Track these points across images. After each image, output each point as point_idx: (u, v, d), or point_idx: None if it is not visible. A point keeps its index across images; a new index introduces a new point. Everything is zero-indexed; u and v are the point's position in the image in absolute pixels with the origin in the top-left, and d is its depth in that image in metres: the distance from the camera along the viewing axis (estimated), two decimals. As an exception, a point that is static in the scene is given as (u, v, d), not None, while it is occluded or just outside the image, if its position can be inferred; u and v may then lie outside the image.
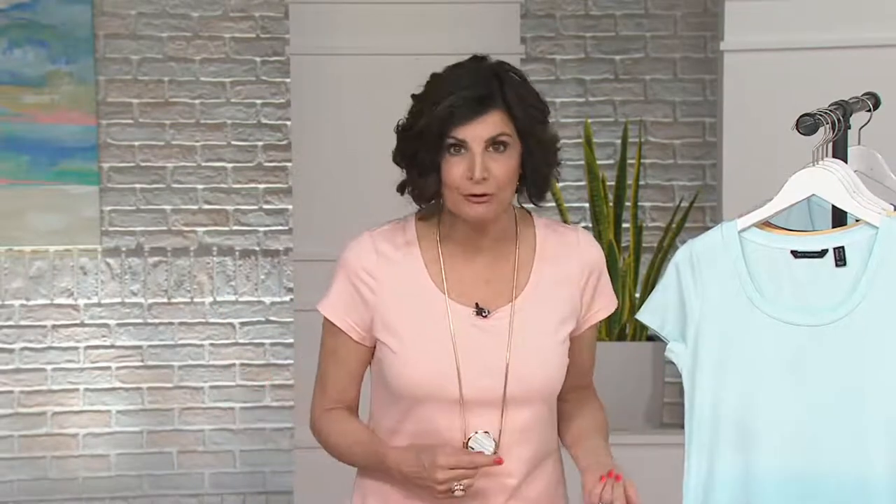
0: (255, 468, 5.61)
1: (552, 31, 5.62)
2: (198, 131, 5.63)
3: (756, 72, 4.02)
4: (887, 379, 2.15)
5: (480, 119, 2.28)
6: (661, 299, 2.30)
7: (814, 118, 2.25)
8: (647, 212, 5.59)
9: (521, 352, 2.32)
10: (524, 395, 2.32)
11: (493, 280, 2.35)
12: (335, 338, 2.42)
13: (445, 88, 2.31)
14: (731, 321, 2.23)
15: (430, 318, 2.32)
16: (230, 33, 5.63)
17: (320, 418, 2.46)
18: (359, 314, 2.37)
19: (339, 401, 2.44)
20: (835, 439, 2.17)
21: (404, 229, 2.40)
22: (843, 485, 2.17)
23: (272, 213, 5.66)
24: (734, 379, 2.23)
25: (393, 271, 2.35)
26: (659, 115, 5.62)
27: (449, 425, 2.32)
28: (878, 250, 2.17)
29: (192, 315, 5.62)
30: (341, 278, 2.41)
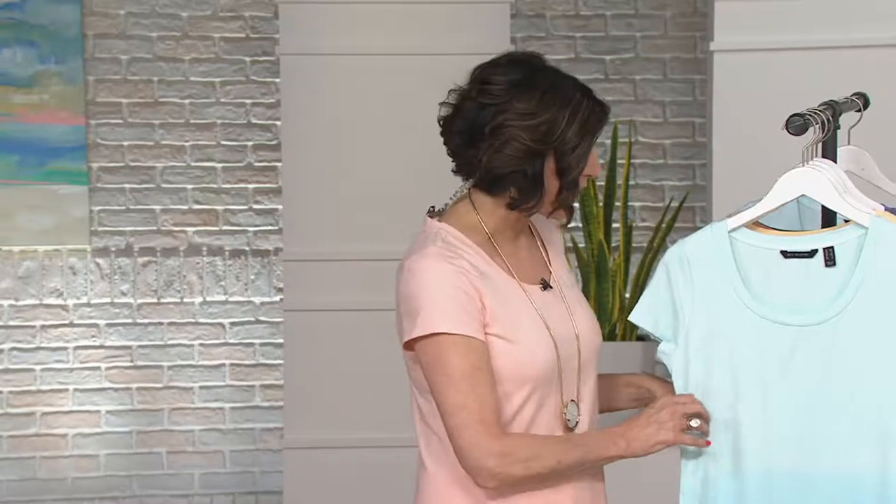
0: (245, 468, 5.61)
1: (542, 31, 5.63)
2: (187, 131, 5.63)
3: (746, 72, 4.02)
4: (876, 378, 2.15)
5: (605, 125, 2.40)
6: (653, 300, 2.30)
7: (803, 118, 2.26)
8: (637, 212, 5.59)
9: (577, 313, 2.41)
10: (589, 355, 2.40)
11: (533, 259, 2.44)
12: (472, 352, 2.27)
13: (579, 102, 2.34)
14: (721, 321, 2.24)
15: (518, 302, 2.35)
16: (220, 33, 5.62)
17: (508, 449, 2.26)
18: (478, 317, 2.30)
19: (500, 422, 2.28)
20: (825, 439, 2.18)
21: (452, 237, 2.37)
22: (832, 484, 2.18)
23: (262, 213, 5.66)
24: (725, 379, 2.23)
25: (475, 269, 2.33)
26: (649, 115, 5.63)
27: (552, 402, 2.35)
28: (867, 250, 2.17)
29: (182, 315, 5.62)
30: (443, 292, 2.28)
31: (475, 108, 2.33)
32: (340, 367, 4.58)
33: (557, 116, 2.30)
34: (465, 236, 2.36)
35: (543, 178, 2.32)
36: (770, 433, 2.21)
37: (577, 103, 2.32)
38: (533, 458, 2.26)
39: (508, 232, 2.40)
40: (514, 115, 2.30)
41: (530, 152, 2.30)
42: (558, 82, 2.34)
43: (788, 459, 2.20)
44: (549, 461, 2.27)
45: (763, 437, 2.21)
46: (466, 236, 2.36)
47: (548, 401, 2.34)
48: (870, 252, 2.17)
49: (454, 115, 2.36)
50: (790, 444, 2.20)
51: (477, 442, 2.25)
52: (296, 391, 4.65)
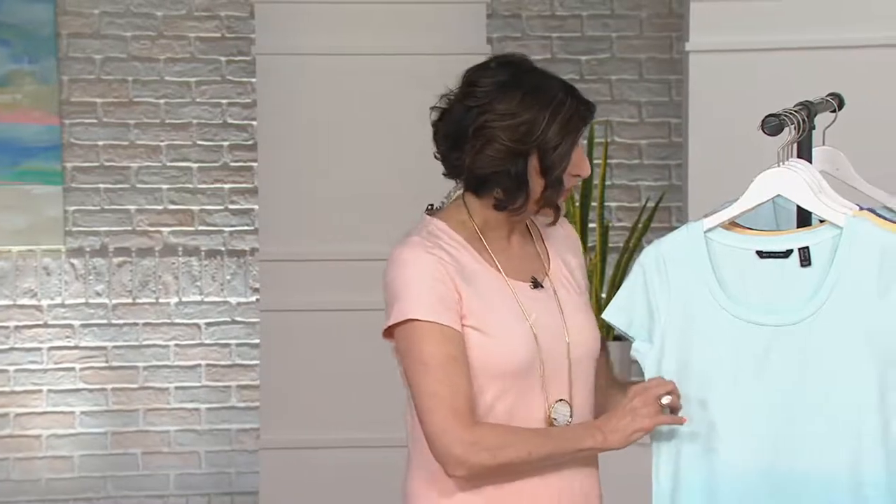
0: (221, 469, 5.60)
1: (518, 32, 5.64)
2: (163, 131, 5.62)
3: (721, 72, 4.04)
4: (851, 378, 2.16)
5: (589, 122, 2.43)
6: (628, 299, 2.31)
7: (779, 118, 2.27)
8: (614, 212, 5.61)
9: (571, 313, 2.41)
10: (582, 357, 2.40)
11: (528, 258, 2.44)
12: (447, 341, 2.30)
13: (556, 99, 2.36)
14: (696, 321, 2.25)
15: (501, 296, 2.37)
16: (195, 33, 5.61)
17: (477, 437, 2.27)
18: (455, 307, 2.32)
19: (474, 411, 2.29)
20: (800, 439, 2.19)
21: (440, 230, 2.40)
22: (806, 484, 2.19)
23: (238, 214, 5.65)
24: (699, 379, 2.24)
25: (454, 261, 2.36)
26: (625, 115, 5.65)
27: (533, 398, 2.35)
28: (842, 250, 2.18)
29: (157, 315, 5.61)
30: (420, 281, 2.32)
31: (461, 110, 2.36)
32: (317, 368, 4.58)
33: (538, 116, 2.32)
34: (454, 231, 2.39)
35: (527, 178, 2.34)
36: (744, 433, 2.21)
37: (558, 103, 2.34)
38: (501, 448, 2.28)
39: (500, 230, 2.42)
40: (495, 115, 2.32)
41: (512, 152, 2.32)
42: (542, 83, 2.36)
43: (763, 459, 2.21)
44: (519, 452, 2.28)
45: (737, 437, 2.22)
46: (456, 232, 2.39)
47: (529, 398, 2.34)
48: (845, 252, 2.18)
49: (442, 119, 2.39)
50: (765, 444, 2.20)
51: (445, 429, 2.27)
52: (272, 392, 4.64)
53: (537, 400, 2.35)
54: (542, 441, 2.30)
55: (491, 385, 2.33)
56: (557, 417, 2.35)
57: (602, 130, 5.44)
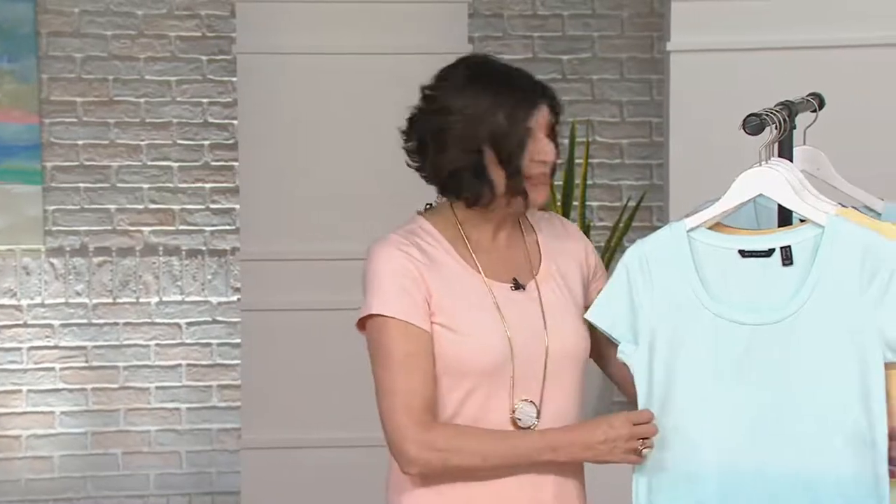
0: (202, 469, 5.59)
1: (499, 31, 5.64)
2: (143, 130, 5.61)
3: (702, 72, 4.05)
4: (833, 377, 2.17)
5: (543, 106, 2.39)
6: (611, 299, 2.32)
7: (760, 118, 2.28)
8: (595, 211, 5.62)
9: (554, 316, 2.40)
10: (560, 360, 2.39)
11: (515, 260, 2.44)
12: (407, 339, 2.32)
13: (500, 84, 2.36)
14: (680, 321, 2.25)
15: (476, 295, 2.37)
16: (175, 31, 5.60)
17: (429, 437, 2.29)
18: (421, 304, 2.34)
19: (431, 410, 2.31)
20: (782, 438, 2.19)
21: (422, 229, 2.43)
22: (790, 484, 2.19)
23: (219, 213, 5.64)
24: (683, 378, 2.24)
25: (431, 260, 2.38)
26: (606, 114, 5.66)
27: (501, 398, 2.35)
28: (823, 249, 2.19)
29: (138, 315, 5.60)
30: (387, 276, 2.35)
31: (420, 116, 2.41)
32: (298, 367, 4.58)
33: (485, 108, 2.34)
34: (437, 230, 2.41)
35: (487, 172, 2.35)
36: (728, 432, 2.22)
37: (504, 92, 2.35)
38: (452, 451, 2.29)
39: (483, 229, 2.43)
40: (446, 115, 2.36)
41: (467, 149, 2.35)
42: (490, 75, 2.39)
43: (746, 459, 2.21)
44: (472, 458, 2.30)
45: (721, 436, 2.22)
46: (439, 231, 2.41)
47: (497, 397, 2.35)
48: (826, 251, 2.19)
49: (407, 131, 2.44)
50: (748, 444, 2.21)
51: (398, 427, 2.30)
52: (253, 391, 4.64)
53: (505, 400, 2.35)
54: (498, 448, 2.31)
55: (460, 383, 2.34)
56: (521, 417, 2.35)
57: (583, 130, 5.45)
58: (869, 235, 2.17)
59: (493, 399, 2.35)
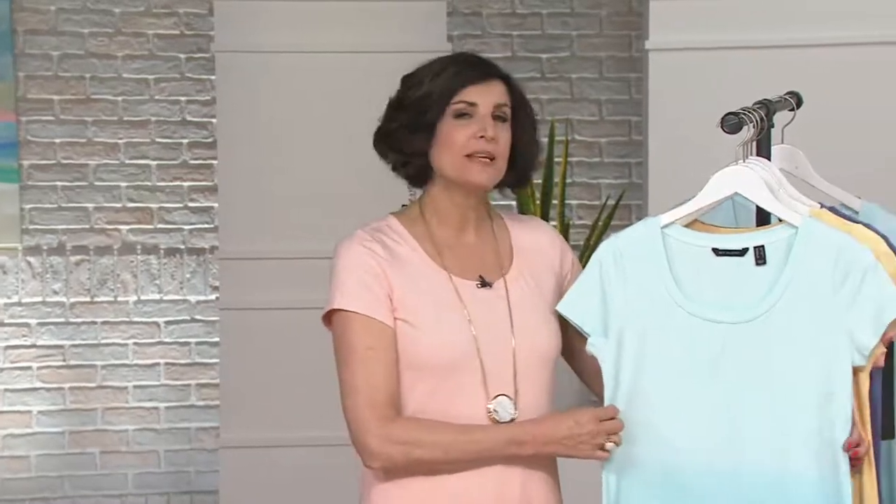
0: (180, 468, 5.59)
1: (478, 30, 5.65)
2: (121, 128, 5.60)
3: (681, 71, 4.07)
4: (799, 377, 2.18)
5: (487, 84, 2.40)
6: (583, 293, 2.33)
7: (738, 117, 2.29)
8: (574, 210, 5.63)
9: (521, 315, 2.41)
10: (531, 357, 2.40)
11: (483, 258, 2.45)
12: (369, 332, 2.35)
13: (444, 62, 2.42)
14: (651, 317, 2.26)
15: (440, 292, 2.39)
16: (153, 30, 5.59)
17: (390, 430, 2.31)
18: (383, 299, 2.37)
19: (393, 405, 2.33)
20: (750, 438, 2.20)
21: (389, 226, 2.46)
22: (761, 484, 2.20)
23: (197, 211, 5.64)
24: (654, 375, 2.25)
25: (394, 256, 2.40)
26: (585, 113, 5.67)
27: (471, 394, 2.36)
28: (796, 250, 2.20)
29: (116, 314, 5.59)
30: (349, 271, 2.38)
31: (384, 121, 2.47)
32: (277, 366, 4.58)
33: (425, 73, 2.40)
34: (404, 227, 2.44)
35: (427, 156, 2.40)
36: (698, 431, 2.23)
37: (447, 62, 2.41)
38: (413, 444, 2.31)
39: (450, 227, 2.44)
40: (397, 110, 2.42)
41: (396, 107, 2.41)
42: (458, 55, 2.46)
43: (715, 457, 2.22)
44: (433, 451, 2.31)
45: (693, 435, 2.23)
46: (406, 227, 2.44)
47: (466, 394, 2.36)
48: (799, 251, 2.20)
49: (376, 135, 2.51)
50: (717, 443, 2.22)
51: (360, 421, 2.32)
52: (232, 390, 4.64)
53: (477, 396, 2.36)
54: (460, 442, 2.32)
55: (422, 379, 2.36)
56: (499, 410, 2.36)
57: (562, 128, 5.46)
58: (842, 238, 2.18)
59: (463, 394, 2.36)
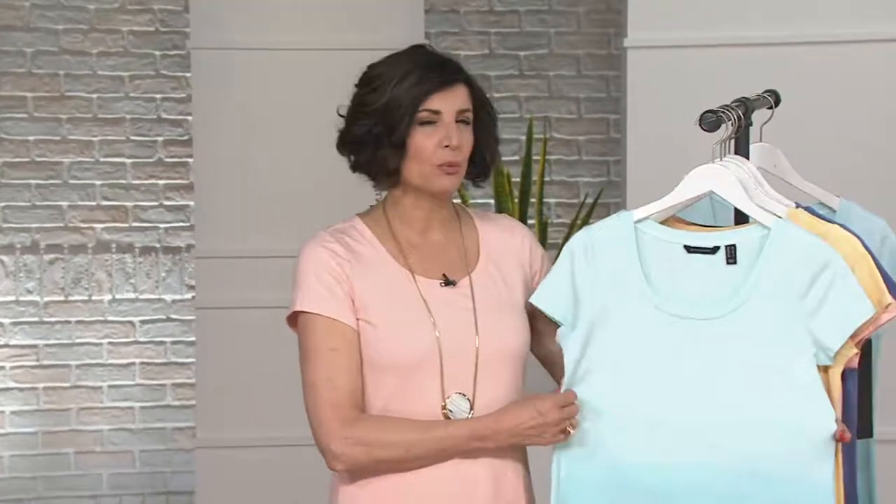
0: (156, 468, 5.58)
1: (456, 27, 5.66)
2: (95, 126, 5.59)
3: (659, 68, 4.09)
4: (764, 377, 2.19)
5: (451, 90, 2.40)
6: (554, 284, 2.34)
7: (716, 115, 2.31)
8: (553, 208, 5.65)
9: (486, 313, 2.42)
10: (493, 356, 2.40)
11: (448, 257, 2.46)
12: (331, 334, 2.36)
13: (406, 66, 2.40)
14: (618, 310, 2.27)
15: (402, 291, 2.40)
16: (128, 26, 5.59)
17: (352, 432, 2.32)
18: (345, 301, 2.37)
19: (356, 406, 2.34)
20: (714, 434, 2.21)
21: (352, 226, 2.46)
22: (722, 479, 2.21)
23: (173, 210, 5.63)
24: (615, 367, 2.26)
25: (356, 257, 2.41)
26: (563, 111, 5.69)
27: (431, 393, 2.37)
28: (766, 251, 2.22)
29: (90, 313, 5.58)
30: (311, 274, 2.38)
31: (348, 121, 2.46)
32: (253, 365, 4.58)
33: (388, 77, 2.39)
34: (366, 227, 2.45)
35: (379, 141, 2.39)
36: (656, 424, 2.24)
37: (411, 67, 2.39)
38: (374, 444, 2.32)
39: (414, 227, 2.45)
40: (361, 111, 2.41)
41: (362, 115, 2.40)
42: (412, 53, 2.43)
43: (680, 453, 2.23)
44: (395, 449, 2.32)
45: (648, 428, 2.24)
46: (369, 227, 2.45)
47: (427, 392, 2.37)
48: (769, 253, 2.21)
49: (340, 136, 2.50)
50: (678, 438, 2.23)
51: (322, 422, 2.33)
52: (208, 389, 4.64)
53: (434, 396, 2.37)
54: (419, 437, 2.32)
55: (385, 378, 2.37)
56: (453, 409, 2.36)
57: (540, 126, 5.47)
58: (813, 240, 2.20)
59: (423, 394, 2.37)
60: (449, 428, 2.33)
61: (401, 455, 2.32)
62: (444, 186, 2.41)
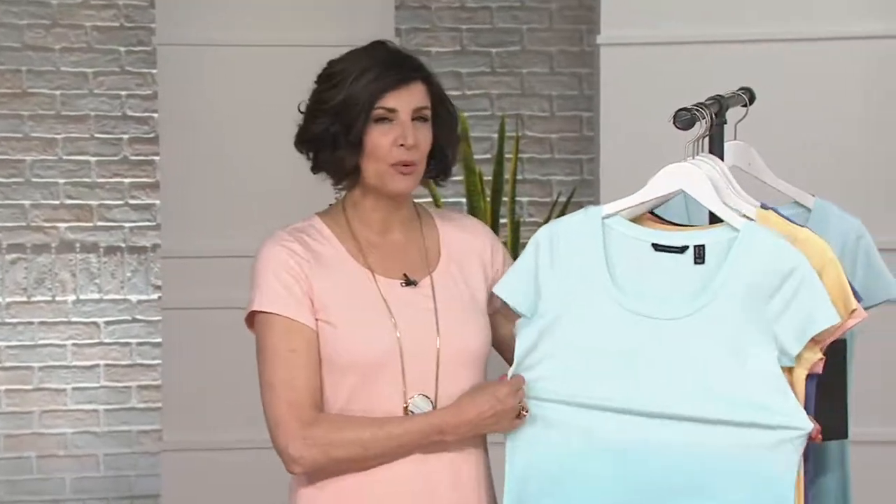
0: (120, 472, 5.57)
1: (427, 23, 5.67)
2: (58, 123, 5.58)
3: (633, 66, 4.11)
4: (724, 379, 2.21)
5: (407, 88, 2.40)
6: (518, 275, 2.35)
7: (690, 112, 2.32)
8: (525, 207, 5.67)
9: (447, 313, 2.42)
10: (454, 357, 2.41)
11: (408, 257, 2.47)
12: (289, 334, 2.36)
13: (364, 63, 2.40)
14: (581, 306, 2.28)
15: (362, 291, 2.40)
16: (92, 21, 5.57)
17: (310, 432, 2.32)
18: (304, 300, 2.38)
19: (315, 407, 2.34)
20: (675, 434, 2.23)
21: (311, 225, 2.47)
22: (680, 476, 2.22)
23: (138, 209, 5.63)
24: (574, 364, 2.28)
25: (315, 257, 2.41)
26: (536, 108, 5.70)
27: (392, 394, 2.38)
28: (734, 253, 2.23)
29: (54, 314, 5.57)
30: (269, 273, 2.38)
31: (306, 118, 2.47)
32: (220, 367, 4.58)
33: (346, 74, 2.39)
34: (325, 226, 2.45)
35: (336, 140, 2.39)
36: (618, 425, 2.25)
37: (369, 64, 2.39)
38: (332, 444, 2.32)
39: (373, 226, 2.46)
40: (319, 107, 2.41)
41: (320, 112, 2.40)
42: (371, 49, 2.43)
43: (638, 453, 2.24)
44: (353, 448, 2.32)
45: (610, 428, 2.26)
46: (328, 226, 2.45)
47: (388, 393, 2.37)
48: (736, 254, 2.23)
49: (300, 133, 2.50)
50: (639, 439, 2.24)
51: (279, 423, 2.33)
52: (174, 392, 4.64)
53: (396, 396, 2.38)
54: (376, 435, 2.33)
55: (345, 379, 2.37)
56: (415, 411, 2.37)
57: (513, 124, 5.49)
58: (781, 244, 2.21)
59: (384, 395, 2.37)
60: (406, 423, 2.34)
61: (359, 453, 2.33)
62: (399, 188, 2.41)
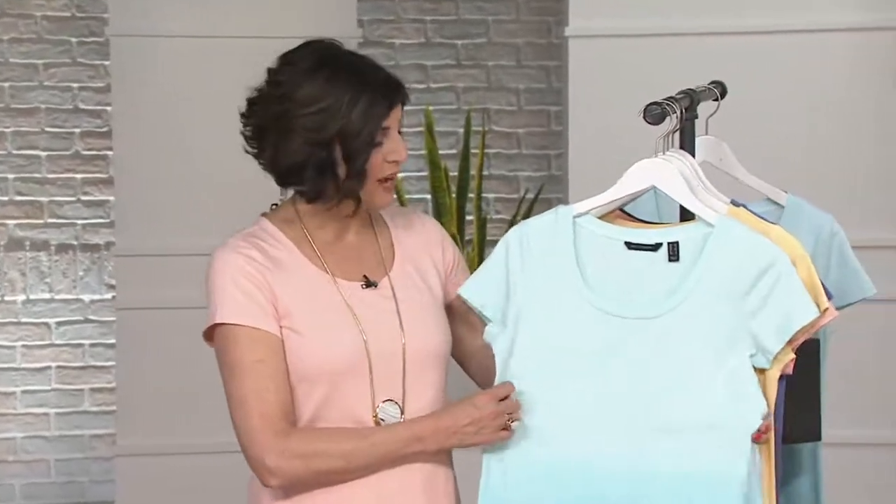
0: (72, 478, 5.56)
1: (391, 14, 5.67)
2: (7, 116, 5.56)
3: (602, 58, 4.11)
4: (700, 377, 2.21)
5: (398, 103, 2.41)
6: (486, 277, 2.35)
7: (661, 107, 2.32)
8: (492, 203, 5.67)
9: (409, 313, 2.43)
10: (419, 358, 2.42)
11: (365, 259, 2.46)
12: (254, 344, 2.33)
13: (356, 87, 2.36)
14: (553, 307, 2.29)
15: (324, 296, 2.39)
16: (42, 11, 5.55)
17: (287, 444, 2.30)
18: (268, 308, 2.36)
19: (287, 418, 2.32)
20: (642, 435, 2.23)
21: (264, 230, 2.45)
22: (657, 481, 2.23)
23: (91, 205, 5.61)
24: (548, 367, 2.28)
25: (274, 262, 2.40)
26: (502, 102, 5.71)
27: (361, 399, 2.37)
28: (709, 249, 2.24)
29: (3, 315, 5.55)
30: (227, 282, 2.35)
31: (261, 100, 2.41)
32: (177, 369, 4.57)
33: (337, 102, 2.35)
34: (278, 230, 2.43)
35: (334, 168, 2.36)
36: (593, 426, 2.26)
37: (358, 87, 2.37)
38: (313, 456, 2.31)
39: (329, 227, 2.45)
40: (295, 104, 2.36)
41: (313, 142, 2.36)
42: (345, 66, 2.39)
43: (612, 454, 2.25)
44: (334, 460, 2.32)
45: (585, 430, 2.26)
46: (281, 230, 2.43)
47: (357, 398, 2.37)
48: (711, 251, 2.23)
49: (248, 111, 2.43)
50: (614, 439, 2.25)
51: (254, 437, 2.31)
52: (129, 394, 4.62)
53: (365, 401, 2.38)
54: (360, 448, 2.33)
55: (315, 387, 2.36)
56: (385, 418, 2.37)
57: (479, 119, 5.49)
58: (758, 239, 2.22)
59: (352, 400, 2.37)
60: (385, 433, 2.34)
61: (341, 465, 2.32)
62: (385, 202, 2.43)
